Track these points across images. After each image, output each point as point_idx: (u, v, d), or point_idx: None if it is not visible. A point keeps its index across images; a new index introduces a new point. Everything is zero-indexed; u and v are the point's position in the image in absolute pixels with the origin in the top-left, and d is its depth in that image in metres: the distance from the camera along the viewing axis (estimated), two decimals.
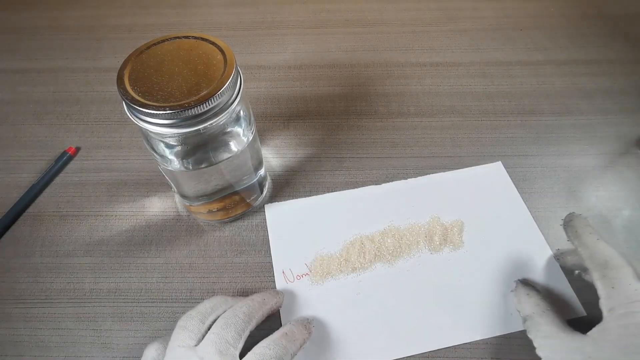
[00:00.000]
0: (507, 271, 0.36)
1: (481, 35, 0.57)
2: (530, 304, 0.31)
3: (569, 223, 0.33)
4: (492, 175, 0.42)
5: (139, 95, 0.27)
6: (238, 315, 0.29)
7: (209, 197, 0.36)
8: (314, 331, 0.33)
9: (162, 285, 0.36)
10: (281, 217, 0.40)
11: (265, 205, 0.41)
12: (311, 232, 0.39)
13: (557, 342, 0.28)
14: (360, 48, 0.56)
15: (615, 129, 0.46)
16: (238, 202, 0.39)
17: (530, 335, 0.30)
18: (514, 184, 0.42)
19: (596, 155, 0.44)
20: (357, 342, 0.33)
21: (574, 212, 0.33)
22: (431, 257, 0.37)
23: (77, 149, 0.45)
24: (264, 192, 0.41)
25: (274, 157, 0.45)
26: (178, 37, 0.31)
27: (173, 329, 0.29)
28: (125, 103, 0.28)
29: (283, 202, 0.41)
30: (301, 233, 0.39)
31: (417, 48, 0.55)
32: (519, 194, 0.41)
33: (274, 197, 0.41)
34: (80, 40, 0.57)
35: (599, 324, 0.27)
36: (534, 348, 0.29)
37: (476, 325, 0.33)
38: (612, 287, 0.26)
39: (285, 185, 0.42)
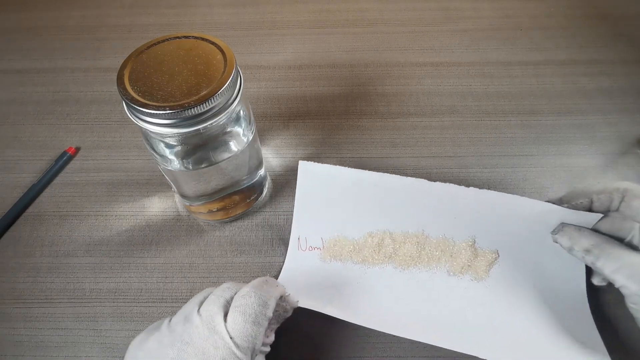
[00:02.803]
0: (524, 326, 0.32)
1: (481, 35, 0.57)
2: (586, 236, 0.32)
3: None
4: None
5: (139, 95, 0.27)
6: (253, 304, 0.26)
7: (209, 197, 0.36)
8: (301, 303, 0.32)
9: (162, 285, 0.36)
10: (313, 181, 0.37)
11: (300, 162, 0.38)
12: (338, 209, 0.37)
13: (636, 259, 0.29)
14: (360, 48, 0.56)
15: (615, 129, 0.46)
16: (238, 202, 0.39)
17: (599, 263, 0.30)
18: None
19: (596, 155, 0.44)
20: (339, 322, 0.32)
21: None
22: (448, 278, 0.35)
23: (77, 149, 0.45)
24: (264, 192, 0.41)
25: (274, 157, 0.45)
26: (178, 37, 0.31)
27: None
28: (125, 103, 0.28)
29: (319, 164, 0.38)
30: (329, 206, 0.37)
31: (417, 48, 0.55)
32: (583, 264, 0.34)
33: (274, 197, 0.41)
34: (80, 40, 0.57)
35: None
36: None
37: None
38: None
39: (285, 185, 0.42)
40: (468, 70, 0.52)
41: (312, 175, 0.38)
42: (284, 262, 0.37)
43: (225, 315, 0.26)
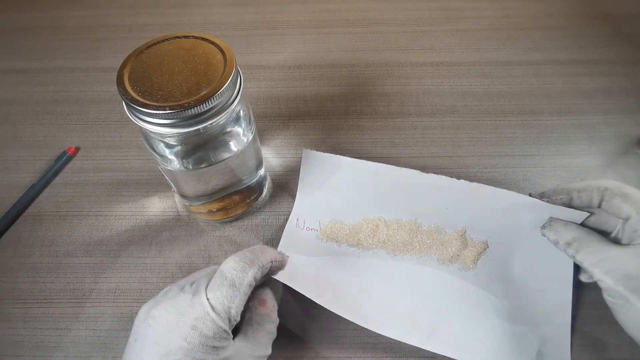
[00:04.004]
0: (501, 314, 0.34)
1: (481, 35, 0.57)
2: (571, 230, 0.33)
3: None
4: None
5: (138, 95, 0.27)
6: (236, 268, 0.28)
7: (209, 197, 0.36)
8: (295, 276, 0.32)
9: (162, 285, 0.36)
10: (315, 168, 0.39)
11: (304, 150, 0.39)
12: (337, 195, 0.39)
13: (613, 254, 0.30)
14: (360, 48, 0.56)
15: (615, 129, 0.46)
16: (238, 202, 0.39)
17: (579, 256, 0.31)
18: None
19: (596, 155, 0.44)
20: (327, 297, 0.32)
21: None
22: (437, 266, 0.36)
23: (77, 149, 0.45)
24: (264, 192, 0.41)
25: (274, 157, 0.45)
26: (178, 37, 0.31)
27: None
28: (125, 103, 0.28)
29: (322, 153, 0.39)
30: (328, 192, 0.39)
31: (417, 48, 0.55)
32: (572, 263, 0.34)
33: (274, 197, 0.41)
34: (80, 40, 0.57)
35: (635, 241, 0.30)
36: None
37: (444, 342, 0.32)
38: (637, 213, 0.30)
39: (285, 185, 0.42)
40: (468, 70, 0.52)
41: (315, 163, 0.39)
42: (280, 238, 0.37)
43: None
